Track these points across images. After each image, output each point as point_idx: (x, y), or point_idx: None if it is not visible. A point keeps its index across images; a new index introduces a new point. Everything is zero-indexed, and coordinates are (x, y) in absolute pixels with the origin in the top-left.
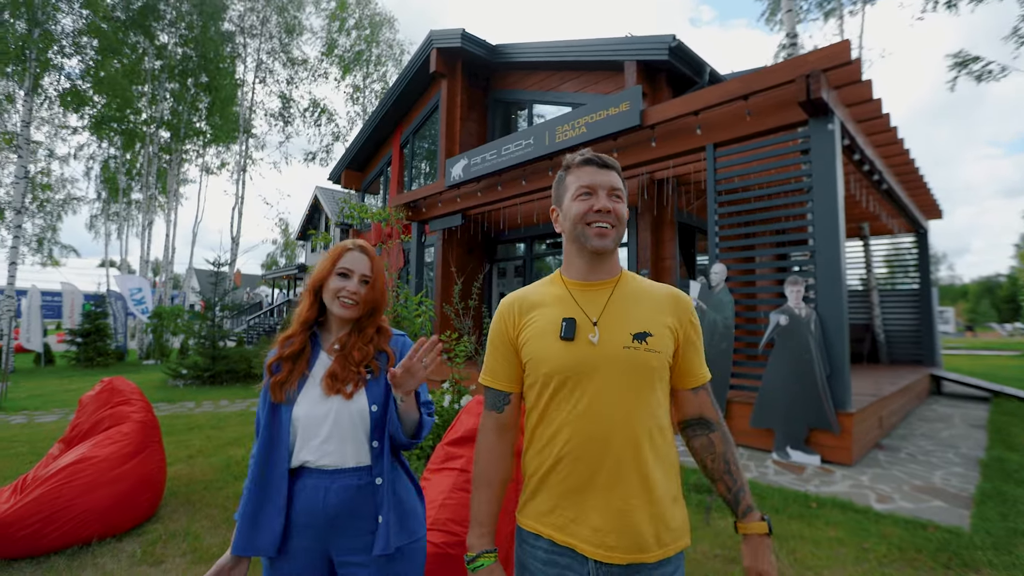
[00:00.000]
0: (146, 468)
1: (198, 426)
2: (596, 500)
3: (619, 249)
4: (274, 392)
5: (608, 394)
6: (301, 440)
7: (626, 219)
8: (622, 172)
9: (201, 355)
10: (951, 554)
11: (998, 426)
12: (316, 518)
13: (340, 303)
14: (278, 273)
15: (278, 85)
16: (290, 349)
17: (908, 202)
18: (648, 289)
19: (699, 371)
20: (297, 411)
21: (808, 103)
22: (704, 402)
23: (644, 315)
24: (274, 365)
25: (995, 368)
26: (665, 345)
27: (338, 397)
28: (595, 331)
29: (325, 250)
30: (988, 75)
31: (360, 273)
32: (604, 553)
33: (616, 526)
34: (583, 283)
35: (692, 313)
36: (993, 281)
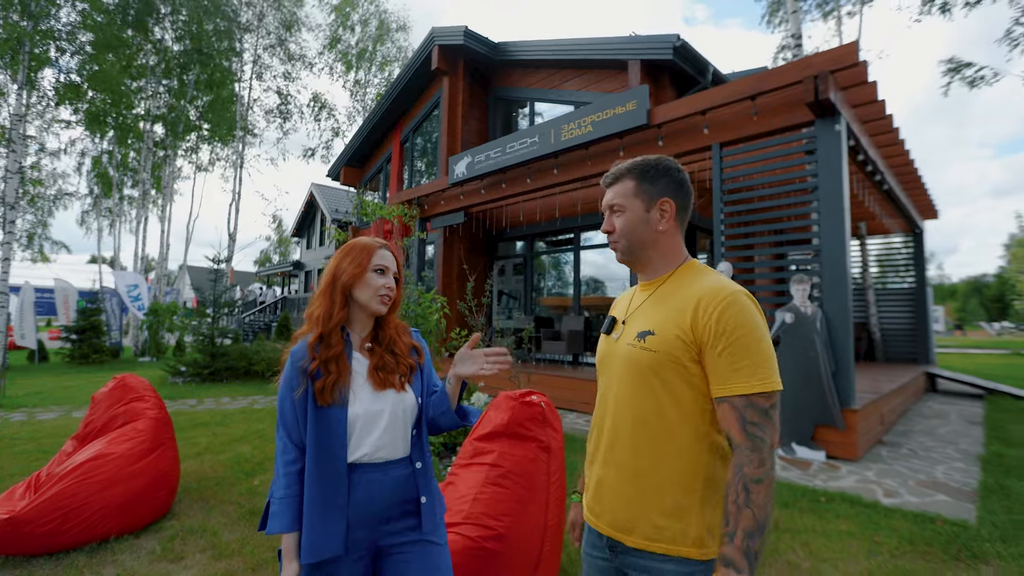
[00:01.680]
0: (161, 465)
1: (203, 423)
2: (594, 473)
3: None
4: (322, 396)
5: (612, 385)
6: (358, 437)
7: (629, 225)
8: (624, 174)
9: (200, 352)
10: (960, 546)
11: (994, 423)
12: (372, 510)
13: (380, 299)
14: (272, 270)
15: (275, 81)
16: (332, 351)
17: (907, 202)
18: (687, 288)
19: (718, 380)
20: (355, 410)
21: (816, 104)
22: (726, 418)
23: (661, 314)
24: (316, 371)
25: (986, 366)
26: (666, 345)
27: (391, 392)
28: (620, 329)
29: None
30: (981, 80)
31: (393, 270)
32: (593, 520)
33: (599, 498)
34: (643, 284)
35: (718, 314)
36: (981, 281)
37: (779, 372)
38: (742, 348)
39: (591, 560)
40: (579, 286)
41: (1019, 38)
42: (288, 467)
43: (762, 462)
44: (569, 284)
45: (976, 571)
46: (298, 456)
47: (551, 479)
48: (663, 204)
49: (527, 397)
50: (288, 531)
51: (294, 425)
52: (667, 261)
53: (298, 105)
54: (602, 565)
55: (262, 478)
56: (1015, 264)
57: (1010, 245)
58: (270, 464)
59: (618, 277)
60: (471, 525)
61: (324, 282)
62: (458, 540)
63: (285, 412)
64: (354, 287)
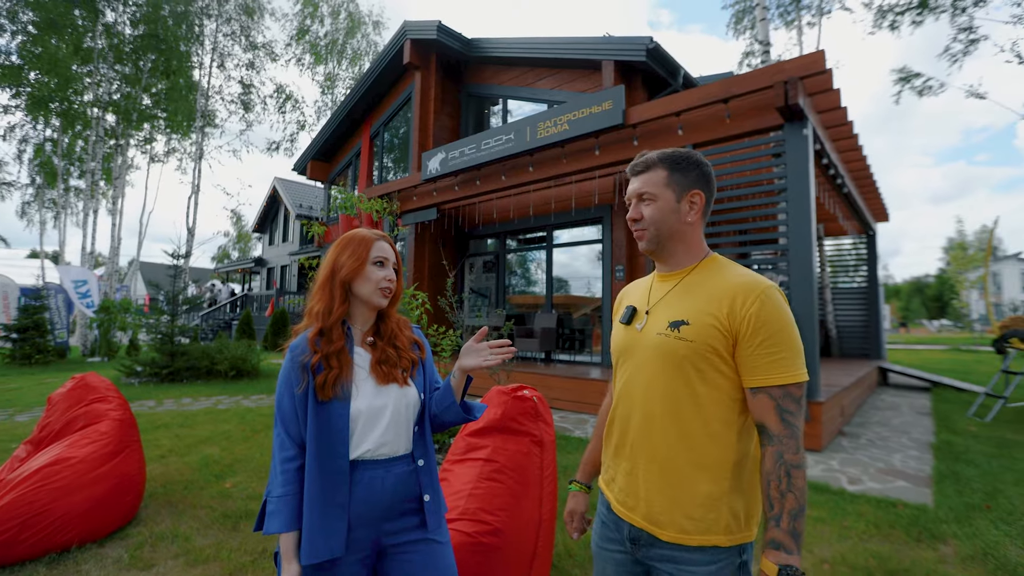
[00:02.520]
0: (126, 468)
1: (164, 425)
2: (621, 464)
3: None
4: (323, 391)
5: (639, 374)
6: (361, 433)
7: (659, 214)
8: (655, 163)
9: (158, 351)
10: (921, 528)
11: (941, 413)
12: (374, 508)
13: (381, 292)
14: (232, 267)
15: (238, 70)
16: (334, 346)
17: (862, 205)
18: (718, 279)
19: (755, 371)
20: (358, 405)
21: (786, 108)
22: (762, 407)
23: (693, 305)
24: (317, 365)
25: (929, 361)
26: (703, 335)
27: (394, 387)
28: (644, 319)
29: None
30: (928, 90)
31: (392, 262)
32: (625, 512)
33: (631, 490)
34: (661, 275)
35: (758, 306)
36: (923, 281)
37: None
38: (781, 340)
39: (607, 554)
40: (551, 284)
41: (957, 54)
42: (286, 464)
43: (798, 448)
44: (541, 282)
45: (936, 550)
46: (297, 453)
47: (544, 473)
48: (693, 196)
49: (519, 392)
50: (287, 530)
51: (293, 421)
52: (692, 253)
53: (261, 96)
54: (620, 558)
55: (234, 480)
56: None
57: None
58: (241, 466)
59: (582, 275)
60: (468, 521)
61: (322, 277)
62: (456, 536)
63: (284, 407)
64: (354, 281)
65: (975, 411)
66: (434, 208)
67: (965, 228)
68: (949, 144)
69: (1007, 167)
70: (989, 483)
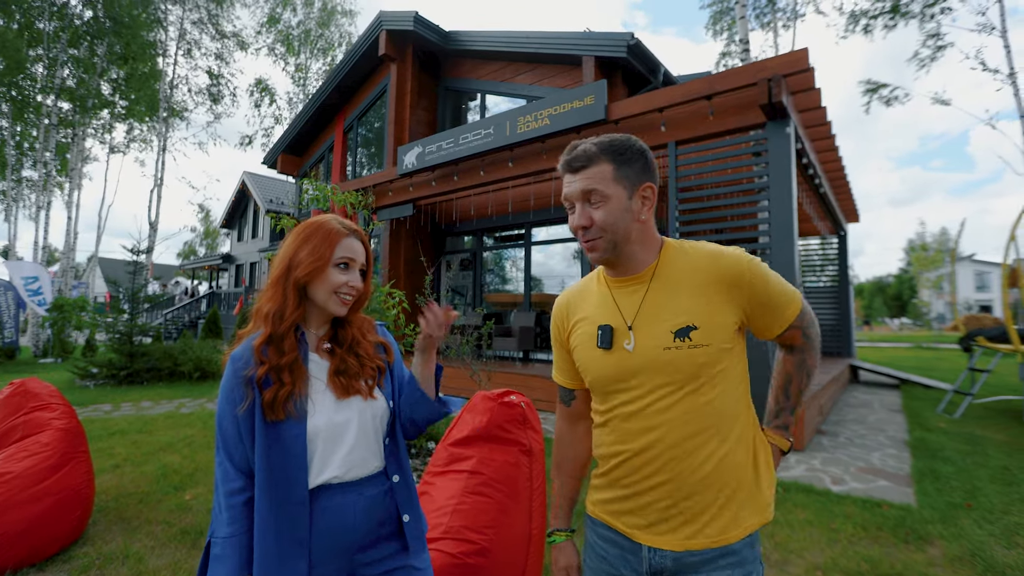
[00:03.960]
0: (72, 482)
1: (120, 431)
2: (652, 496)
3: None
4: (274, 410)
5: (650, 399)
6: (322, 456)
7: (612, 217)
8: (596, 156)
9: (116, 352)
10: (908, 530)
11: (912, 410)
12: (344, 539)
13: (340, 299)
14: (198, 263)
15: (206, 60)
16: (286, 358)
17: (836, 205)
18: (694, 264)
19: (775, 325)
20: (315, 423)
21: (769, 106)
22: (791, 336)
23: (689, 303)
24: (264, 379)
25: (895, 358)
26: (718, 331)
27: (356, 399)
28: (630, 337)
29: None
30: (895, 99)
31: (360, 263)
32: (661, 540)
33: (670, 518)
34: (619, 280)
35: (752, 270)
36: (884, 281)
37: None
38: (777, 288)
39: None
40: (530, 282)
41: (925, 60)
42: (231, 498)
43: (816, 354)
44: (519, 280)
45: (924, 552)
46: (245, 484)
47: (534, 484)
48: (645, 190)
49: (506, 397)
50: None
51: (237, 446)
52: (649, 250)
53: (231, 88)
54: None
55: (194, 492)
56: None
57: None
58: (203, 476)
59: (561, 274)
60: (451, 540)
61: (276, 272)
62: (438, 557)
63: (225, 431)
64: (310, 283)
65: (944, 408)
66: (410, 204)
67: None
68: (908, 149)
69: (960, 173)
70: (967, 481)
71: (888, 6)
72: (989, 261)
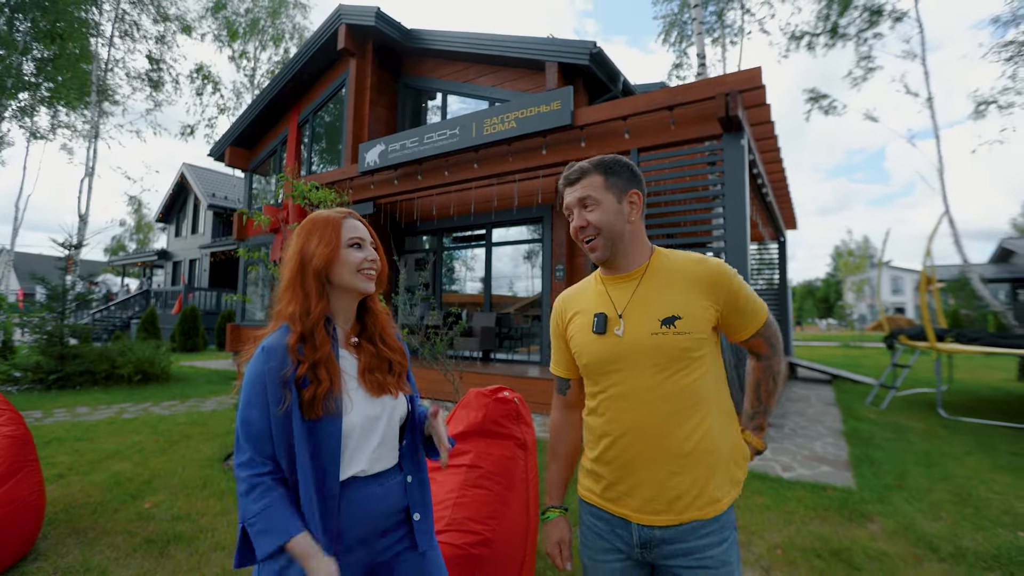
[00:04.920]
0: (22, 493)
1: (57, 439)
2: (643, 475)
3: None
4: (313, 408)
5: (638, 380)
6: (352, 451)
7: (605, 218)
8: (589, 171)
9: (44, 354)
10: (851, 510)
11: (845, 403)
12: (368, 527)
13: (364, 275)
14: (130, 259)
15: (146, 43)
16: (320, 352)
17: (778, 213)
18: (681, 267)
19: (744, 328)
20: (352, 420)
21: (726, 119)
22: (756, 344)
23: (674, 298)
24: (303, 378)
25: (826, 356)
26: (698, 324)
27: (387, 397)
28: (620, 324)
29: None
30: (833, 110)
31: (369, 240)
32: (650, 517)
33: (662, 495)
34: (613, 277)
35: (729, 277)
36: (813, 284)
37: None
38: (749, 296)
39: (604, 565)
40: (490, 283)
41: (858, 79)
42: (258, 479)
43: (781, 359)
44: (479, 281)
45: (866, 529)
46: (273, 468)
47: (529, 476)
48: (632, 196)
49: (500, 394)
50: (291, 537)
51: (267, 440)
52: (640, 251)
53: (173, 75)
54: (619, 567)
55: (154, 499)
56: (842, 271)
57: (840, 255)
58: (161, 483)
59: (521, 275)
60: (456, 532)
61: (290, 272)
62: (444, 549)
63: (253, 424)
64: (330, 270)
65: (872, 400)
66: (371, 202)
67: (851, 238)
68: (835, 162)
69: (879, 185)
70: (896, 465)
71: (829, 26)
72: (903, 267)
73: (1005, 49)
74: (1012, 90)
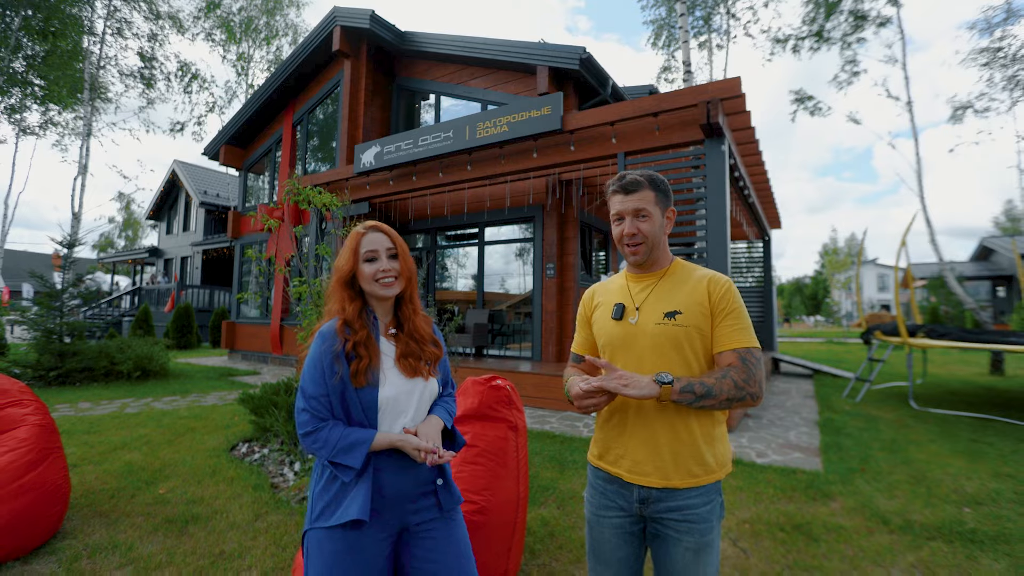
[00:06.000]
0: (51, 477)
1: (65, 432)
2: (634, 439)
3: (665, 244)
4: (356, 379)
5: (642, 360)
6: (389, 420)
7: (653, 229)
8: (644, 185)
9: (45, 351)
10: (816, 490)
11: (822, 396)
12: (400, 489)
13: (382, 284)
14: (120, 257)
15: (138, 41)
16: (359, 335)
17: (761, 213)
18: (690, 276)
19: (725, 338)
20: (386, 393)
21: (707, 126)
22: (729, 359)
23: (679, 297)
24: (350, 353)
25: (810, 352)
26: (694, 320)
27: (419, 380)
28: (636, 314)
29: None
30: (818, 111)
31: (385, 248)
32: (641, 479)
33: (650, 459)
34: (636, 276)
35: (725, 291)
36: (801, 282)
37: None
38: (741, 317)
39: (605, 520)
40: (482, 280)
41: (843, 82)
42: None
43: (747, 381)
44: (472, 278)
45: (827, 506)
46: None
47: (519, 455)
48: (669, 212)
49: (493, 382)
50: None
51: (320, 403)
52: (665, 258)
53: (165, 72)
54: (618, 522)
55: (168, 485)
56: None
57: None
58: (172, 471)
59: (513, 272)
60: None
61: (331, 280)
62: None
63: (308, 391)
64: (359, 279)
65: (848, 393)
66: (366, 202)
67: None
68: (823, 161)
69: (866, 184)
70: (863, 451)
71: (814, 30)
72: (889, 265)
73: (981, 55)
74: (987, 95)
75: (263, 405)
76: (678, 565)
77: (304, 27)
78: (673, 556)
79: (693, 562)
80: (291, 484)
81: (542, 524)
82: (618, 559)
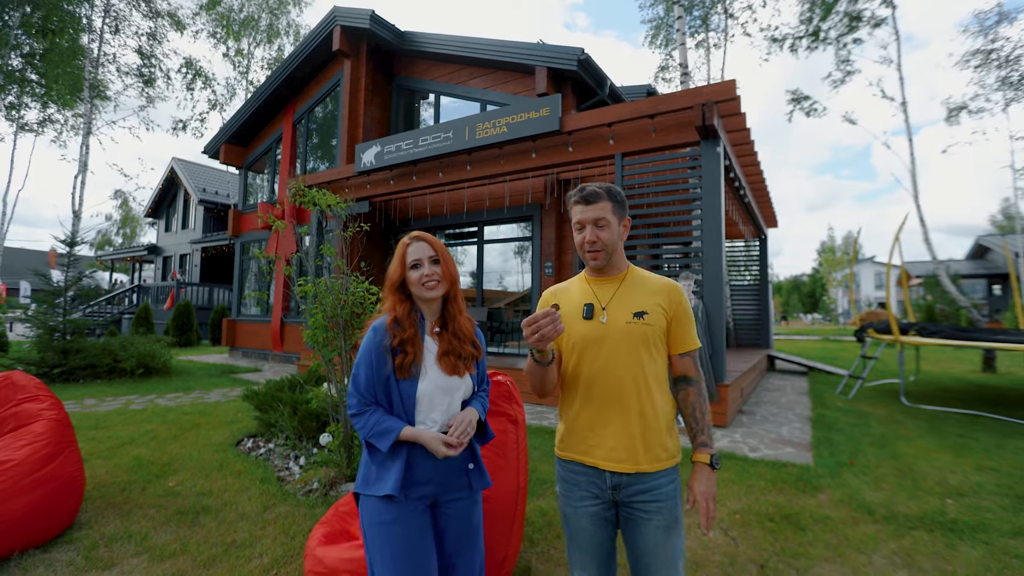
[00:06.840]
0: (67, 470)
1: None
2: (610, 429)
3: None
4: (401, 371)
5: (615, 356)
6: (426, 409)
7: (610, 237)
8: (603, 196)
9: (48, 349)
10: (805, 483)
11: (816, 393)
12: (432, 470)
13: (427, 287)
14: (119, 254)
15: (137, 39)
16: (407, 332)
17: (757, 212)
18: (648, 281)
19: (683, 341)
20: (424, 386)
21: (703, 128)
22: (687, 365)
23: (642, 300)
24: (397, 348)
25: (806, 349)
26: (657, 320)
27: (456, 378)
28: (604, 313)
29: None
30: (815, 111)
31: (427, 256)
32: (616, 465)
33: (624, 446)
34: (597, 279)
35: (681, 298)
36: (799, 280)
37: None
38: (691, 320)
39: (581, 509)
40: (482, 279)
41: (837, 81)
42: (367, 406)
43: (701, 393)
44: (471, 277)
45: (816, 498)
46: (374, 405)
47: (519, 447)
48: (626, 221)
49: (495, 377)
50: (404, 426)
51: (367, 390)
52: (622, 263)
53: (164, 70)
54: (594, 510)
55: (177, 479)
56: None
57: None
58: (180, 465)
59: (512, 271)
60: None
61: (385, 284)
62: None
63: (359, 378)
64: (408, 284)
65: (841, 390)
66: (367, 201)
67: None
68: (822, 159)
69: (865, 181)
70: (852, 446)
71: (811, 29)
72: (887, 263)
73: (975, 57)
74: (981, 96)
75: (268, 401)
76: (650, 544)
77: (305, 27)
78: (645, 535)
79: (664, 538)
80: (297, 477)
81: (540, 514)
82: (596, 543)
